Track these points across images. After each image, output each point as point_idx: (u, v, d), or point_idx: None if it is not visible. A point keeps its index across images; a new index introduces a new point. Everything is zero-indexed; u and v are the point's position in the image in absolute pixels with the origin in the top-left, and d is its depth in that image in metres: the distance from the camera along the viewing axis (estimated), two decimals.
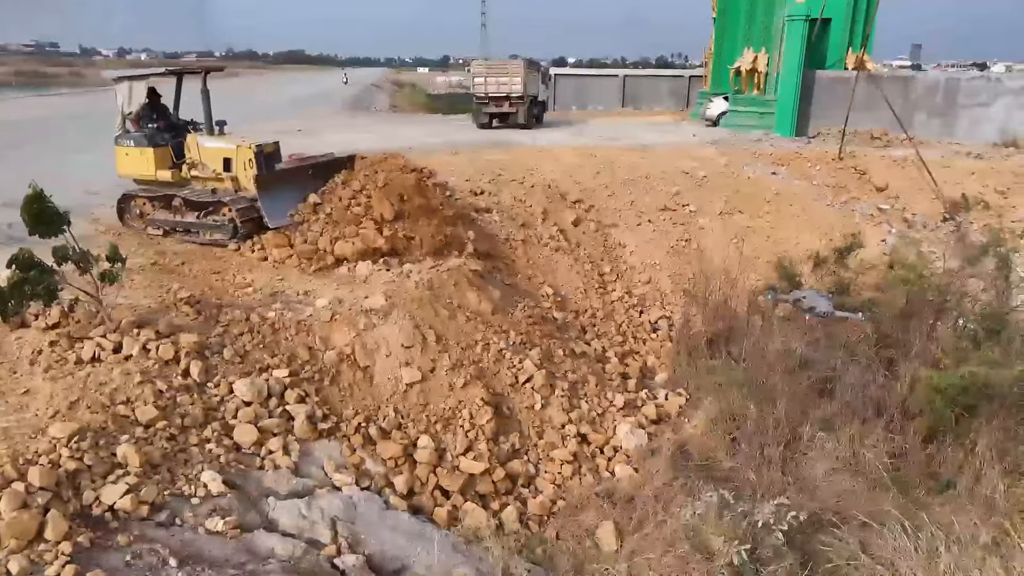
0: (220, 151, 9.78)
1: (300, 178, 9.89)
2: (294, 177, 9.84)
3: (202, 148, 9.88)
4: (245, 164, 9.58)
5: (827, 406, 8.18)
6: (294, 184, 9.78)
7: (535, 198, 13.03)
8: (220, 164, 9.76)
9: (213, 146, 9.87)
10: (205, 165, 9.88)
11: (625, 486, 7.10)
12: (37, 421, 5.39)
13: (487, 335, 8.36)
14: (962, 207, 14.87)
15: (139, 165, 10.18)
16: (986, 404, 7.59)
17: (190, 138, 10.03)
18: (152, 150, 10.05)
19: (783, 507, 6.03)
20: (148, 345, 6.40)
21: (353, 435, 6.70)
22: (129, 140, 10.21)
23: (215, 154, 9.81)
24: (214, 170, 9.83)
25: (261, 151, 9.63)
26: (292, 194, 9.72)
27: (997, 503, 6.91)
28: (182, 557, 4.57)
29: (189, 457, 5.56)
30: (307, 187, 9.91)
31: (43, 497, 4.61)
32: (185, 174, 10.09)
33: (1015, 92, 18.98)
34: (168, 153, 10.17)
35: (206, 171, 9.90)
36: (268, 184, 9.40)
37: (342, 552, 5.26)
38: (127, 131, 10.29)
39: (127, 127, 10.31)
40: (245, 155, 9.58)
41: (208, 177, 9.92)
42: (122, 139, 10.28)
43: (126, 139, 10.24)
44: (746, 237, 13.61)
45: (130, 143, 10.20)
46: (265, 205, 9.33)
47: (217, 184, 9.89)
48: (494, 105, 23.32)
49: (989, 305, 9.76)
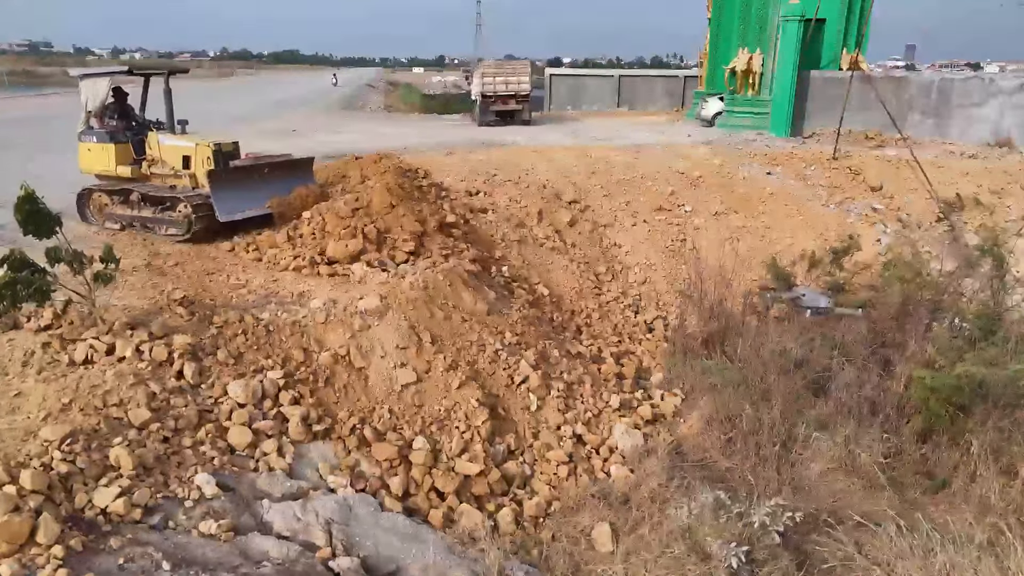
0: (179, 149, 10.05)
1: (254, 176, 10.10)
2: (248, 174, 10.06)
3: (162, 146, 10.17)
4: (203, 162, 9.80)
5: (822, 406, 8.18)
6: (248, 181, 9.99)
7: (530, 198, 13.01)
8: (179, 162, 10.03)
9: (172, 144, 10.14)
10: (165, 162, 10.17)
11: (621, 487, 7.08)
12: (29, 423, 5.35)
13: (482, 336, 8.34)
14: (956, 207, 14.91)
15: (100, 161, 10.48)
16: (981, 404, 7.60)
17: (151, 136, 10.30)
18: (113, 146, 10.34)
19: (779, 508, 6.03)
20: (141, 347, 6.36)
21: (348, 436, 6.67)
22: (91, 136, 10.50)
23: (174, 152, 10.08)
24: (173, 167, 10.09)
25: (219, 150, 9.85)
26: (245, 191, 9.91)
27: (992, 503, 6.92)
28: (175, 560, 4.54)
29: (182, 459, 5.53)
30: (262, 185, 10.10)
31: (35, 500, 4.57)
32: (145, 170, 10.37)
33: (1008, 92, 19.04)
34: (129, 150, 10.46)
35: (165, 168, 10.18)
36: (220, 179, 9.63)
37: (337, 555, 5.23)
38: (90, 127, 10.56)
39: (90, 124, 10.58)
40: (203, 153, 9.81)
41: (167, 174, 10.18)
42: (85, 135, 10.57)
43: (88, 135, 10.53)
44: (741, 237, 13.62)
45: (92, 139, 10.50)
46: (216, 199, 9.53)
47: (176, 181, 10.12)
48: (501, 103, 24.62)
49: (984, 305, 9.78)
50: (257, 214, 9.95)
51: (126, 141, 10.45)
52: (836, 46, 22.37)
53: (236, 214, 9.72)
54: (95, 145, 10.45)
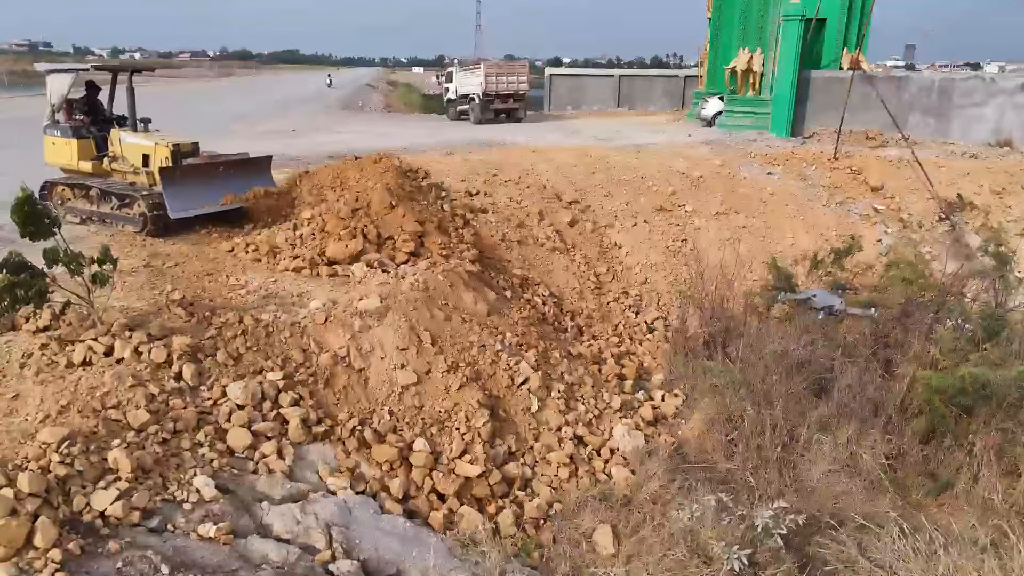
0: (139, 147, 10.25)
1: (209, 174, 10.18)
2: (202, 172, 10.15)
3: (123, 143, 10.38)
4: (162, 161, 9.95)
5: (824, 407, 8.16)
6: (202, 179, 10.08)
7: (531, 199, 12.98)
8: (139, 159, 10.22)
9: (133, 142, 10.32)
10: (125, 159, 10.36)
11: (622, 488, 7.05)
12: (27, 426, 5.31)
13: (483, 337, 8.31)
14: (957, 207, 14.89)
15: (63, 154, 10.70)
16: (984, 405, 7.58)
17: (113, 133, 10.52)
18: (76, 141, 10.52)
19: (781, 510, 6.00)
20: (140, 348, 6.32)
21: (348, 438, 6.63)
22: (56, 130, 10.68)
23: (135, 149, 10.28)
24: (133, 165, 10.28)
25: (178, 149, 10.01)
26: (199, 189, 9.98)
27: (995, 504, 6.91)
28: (174, 564, 4.51)
29: (181, 462, 5.49)
30: (217, 184, 10.19)
31: (32, 503, 4.54)
32: (106, 166, 10.55)
33: (1009, 92, 19.02)
34: (91, 145, 10.66)
35: (125, 165, 10.37)
36: (173, 176, 9.71)
37: (336, 558, 5.20)
38: (56, 122, 10.77)
39: (56, 118, 10.79)
40: (162, 152, 9.99)
41: (127, 171, 10.38)
42: (50, 129, 10.80)
43: (53, 129, 10.72)
44: (742, 237, 13.59)
45: (56, 133, 10.67)
46: (168, 196, 9.60)
47: (135, 178, 10.30)
48: (500, 102, 26.08)
49: (987, 305, 9.76)
50: (210, 212, 10.03)
51: (89, 137, 10.67)
52: (837, 46, 22.35)
53: (188, 211, 9.80)
54: (59, 139, 10.68)
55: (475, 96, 26.32)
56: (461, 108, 27.62)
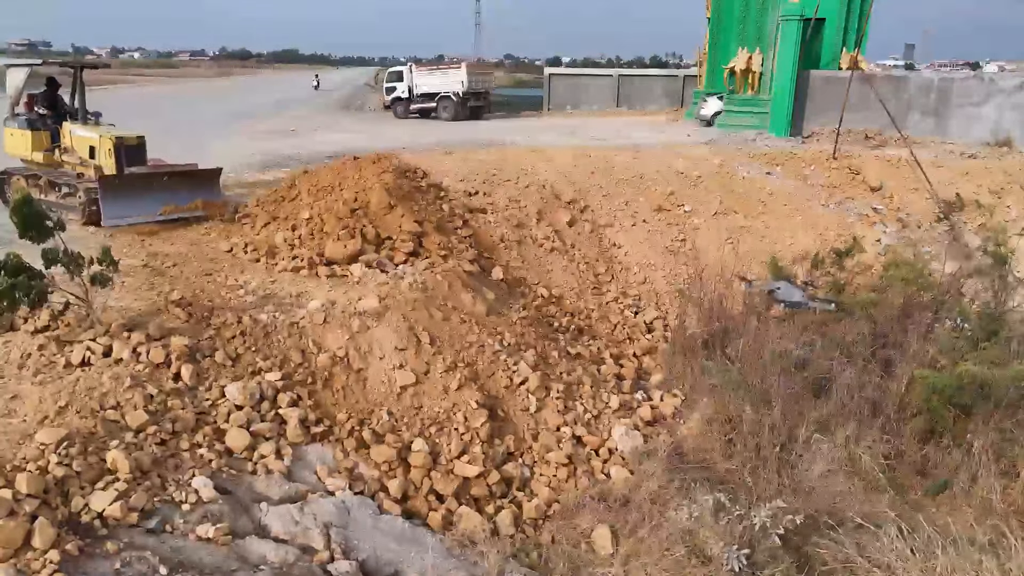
0: (86, 139, 10.66)
1: (151, 184, 10.38)
2: (145, 181, 10.36)
3: (73, 136, 10.84)
4: (106, 153, 10.32)
5: (823, 407, 8.15)
6: (143, 188, 10.29)
7: (530, 198, 12.97)
8: (87, 151, 10.60)
9: (81, 135, 10.76)
10: (74, 151, 10.77)
11: (620, 489, 7.04)
12: (25, 426, 5.31)
13: (482, 337, 8.31)
14: (956, 207, 14.89)
15: (20, 146, 11.34)
16: (982, 404, 7.58)
17: (65, 125, 11.02)
18: (30, 133, 11.15)
19: (779, 510, 6.00)
20: (138, 348, 6.32)
21: (346, 439, 6.63)
22: (14, 123, 11.39)
23: (82, 142, 10.70)
24: (80, 156, 10.67)
25: (121, 143, 10.35)
26: (139, 198, 10.21)
27: (993, 504, 6.91)
28: (172, 565, 4.50)
29: (180, 462, 5.49)
30: (159, 193, 10.39)
31: (30, 504, 4.53)
32: (56, 157, 11.05)
33: (1008, 92, 19.02)
34: (45, 137, 11.21)
35: (74, 156, 10.77)
36: (112, 185, 10.01)
37: (335, 558, 5.20)
38: (15, 115, 11.40)
39: (16, 111, 11.37)
40: (106, 145, 10.34)
41: (75, 162, 10.77)
42: (9, 121, 11.51)
43: (12, 121, 11.45)
44: (741, 237, 13.58)
45: (15, 125, 11.37)
46: (104, 203, 9.90)
47: (83, 169, 10.66)
48: (474, 100, 28.72)
49: (987, 305, 9.76)
50: (144, 222, 10.15)
51: (44, 129, 11.21)
52: (836, 45, 22.35)
53: (122, 220, 10.00)
54: (16, 131, 11.32)
55: (451, 94, 28.03)
56: (421, 106, 28.91)
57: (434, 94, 28.49)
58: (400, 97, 29.26)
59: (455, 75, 28.25)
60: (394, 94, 29.53)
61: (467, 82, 28.04)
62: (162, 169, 10.76)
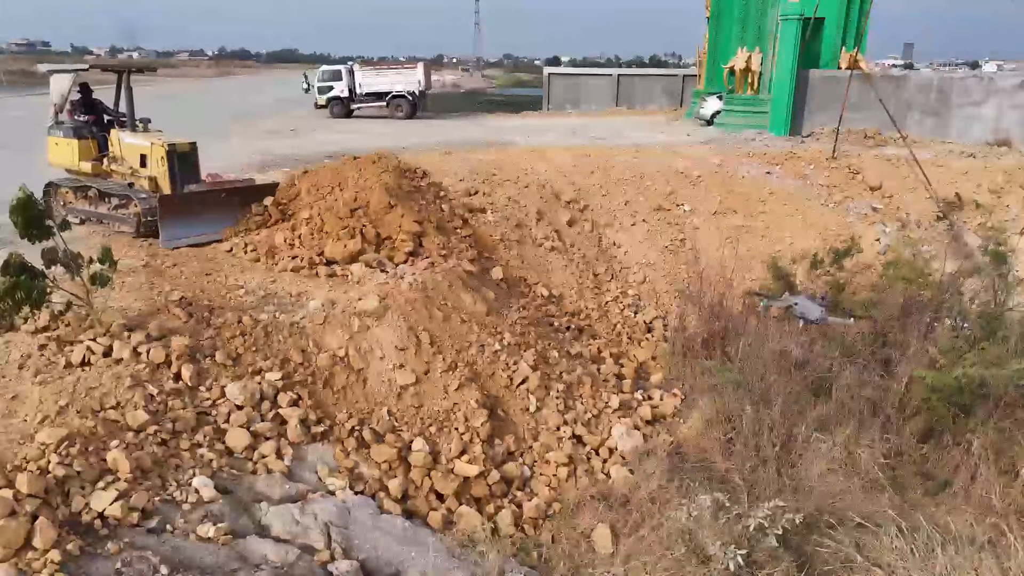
0: (137, 147, 10.19)
1: (210, 201, 10.01)
2: (203, 199, 9.99)
3: (122, 143, 10.34)
4: (159, 161, 9.92)
5: (823, 407, 8.16)
6: (200, 205, 9.91)
7: (529, 198, 12.97)
8: (137, 160, 10.17)
9: (131, 142, 10.27)
10: (124, 160, 10.31)
11: (620, 488, 7.06)
12: (26, 427, 5.32)
13: (482, 336, 8.31)
14: (956, 207, 14.89)
15: (65, 155, 10.71)
16: (981, 404, 7.59)
17: (113, 133, 10.48)
18: (77, 141, 10.53)
19: (779, 509, 6.00)
20: (139, 348, 6.32)
21: (346, 438, 6.64)
22: (59, 131, 10.73)
23: (133, 150, 10.24)
24: (131, 166, 10.23)
25: (174, 150, 9.90)
26: (196, 216, 9.84)
27: (993, 503, 6.91)
28: (173, 564, 4.51)
29: (180, 462, 5.50)
30: (217, 210, 10.01)
31: (31, 504, 4.54)
32: (106, 167, 10.52)
33: (1007, 91, 19.02)
34: (92, 145, 10.66)
35: (124, 166, 10.31)
36: (171, 206, 9.60)
37: (335, 558, 5.21)
38: (59, 122, 10.79)
39: (59, 119, 10.80)
40: (158, 152, 9.93)
41: (125, 172, 10.32)
42: (53, 129, 10.82)
43: (56, 130, 10.78)
44: (740, 237, 13.59)
45: (59, 134, 10.72)
46: (163, 225, 9.51)
47: (134, 179, 10.24)
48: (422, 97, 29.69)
49: (986, 305, 9.76)
50: (205, 240, 9.82)
51: (90, 137, 10.66)
52: (835, 45, 22.34)
53: (180, 241, 9.63)
54: (61, 140, 10.69)
55: (406, 94, 28.64)
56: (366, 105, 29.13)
57: (383, 93, 28.79)
58: (339, 97, 29.10)
59: (411, 75, 28.84)
60: (331, 93, 29.19)
61: (424, 81, 28.90)
62: (221, 186, 10.44)
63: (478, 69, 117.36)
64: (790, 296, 10.70)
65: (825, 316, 9.96)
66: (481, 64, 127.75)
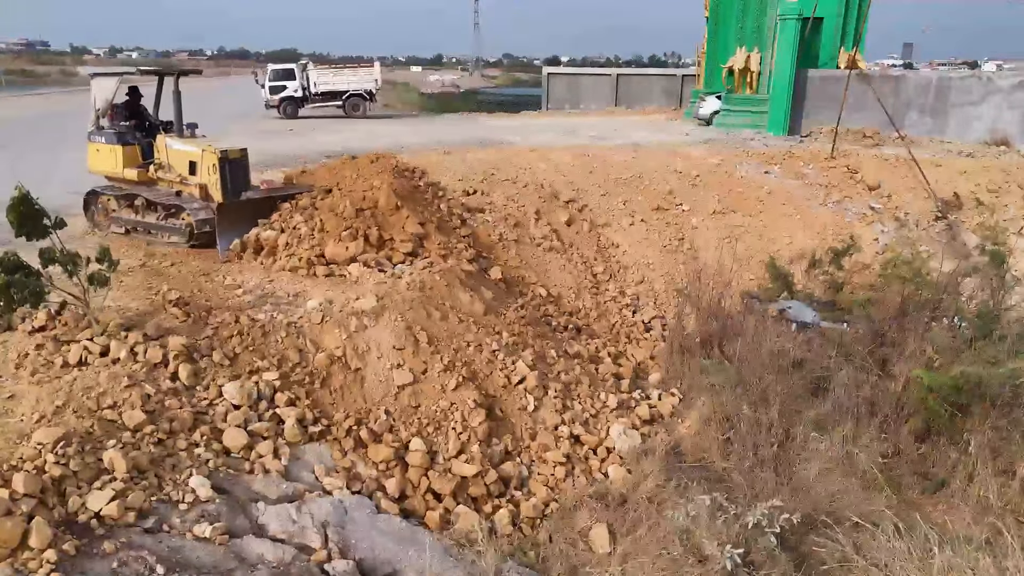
0: (186, 154, 9.75)
1: (266, 209, 9.85)
2: (259, 207, 9.80)
3: (170, 150, 9.91)
4: (209, 169, 9.52)
5: (820, 406, 8.16)
6: (254, 212, 9.74)
7: (528, 198, 12.97)
8: (186, 167, 9.75)
9: (180, 148, 9.84)
10: (171, 167, 9.88)
11: (618, 488, 7.05)
12: (22, 426, 5.31)
13: (479, 336, 8.31)
14: (954, 206, 14.90)
15: (108, 162, 10.27)
16: (979, 403, 7.58)
17: (159, 139, 10.05)
18: (121, 148, 10.13)
19: (776, 509, 6.00)
20: (136, 348, 6.32)
21: (344, 438, 6.63)
22: (100, 137, 10.28)
23: (181, 156, 9.80)
24: (179, 173, 9.81)
25: (226, 157, 9.54)
26: (251, 223, 9.65)
27: (990, 503, 6.91)
28: (169, 564, 4.51)
29: (177, 462, 5.49)
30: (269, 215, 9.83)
31: (27, 504, 4.54)
32: (151, 174, 10.11)
33: (1006, 91, 19.05)
34: (137, 152, 10.23)
35: (172, 173, 9.88)
36: (228, 214, 9.34)
37: (332, 557, 5.21)
38: (100, 128, 10.35)
39: (101, 124, 10.36)
40: (210, 160, 9.51)
41: (173, 179, 9.89)
42: (94, 135, 10.37)
43: (98, 135, 10.33)
44: (739, 236, 13.59)
45: (101, 140, 10.28)
46: (220, 235, 9.29)
47: (182, 187, 9.84)
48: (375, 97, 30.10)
49: (984, 304, 9.76)
50: None
51: (135, 143, 10.23)
52: (834, 44, 22.37)
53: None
54: (104, 146, 10.25)
55: (362, 92, 28.89)
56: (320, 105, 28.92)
57: (339, 92, 28.72)
58: (292, 96, 28.48)
59: (367, 74, 29.11)
60: (284, 93, 28.43)
61: (380, 81, 29.35)
62: (277, 192, 10.17)
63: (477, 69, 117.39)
64: (784, 300, 10.70)
65: (819, 321, 9.96)
66: (480, 64, 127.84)
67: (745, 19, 23.16)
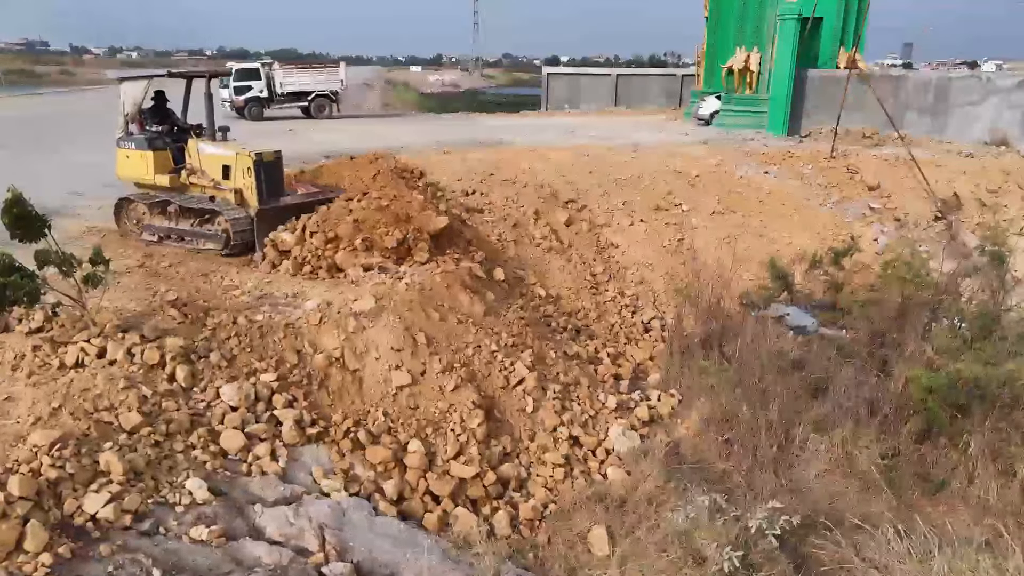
0: (219, 158, 9.53)
1: (305, 212, 9.62)
2: (299, 211, 9.60)
3: (202, 154, 9.65)
4: (244, 172, 9.33)
5: (820, 407, 8.14)
6: (292, 215, 9.56)
7: (527, 198, 12.96)
8: (219, 172, 9.53)
9: (213, 152, 9.60)
10: (204, 172, 9.63)
11: (617, 489, 7.02)
12: (18, 428, 5.28)
13: (478, 337, 8.28)
14: (954, 206, 14.89)
15: (138, 168, 9.97)
16: (979, 405, 7.56)
17: (191, 143, 9.78)
18: (152, 153, 9.84)
19: (776, 511, 5.98)
20: (133, 349, 6.29)
21: (342, 440, 6.61)
22: (130, 143, 10.00)
23: (214, 161, 9.56)
24: (213, 178, 9.58)
25: (260, 159, 9.35)
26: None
27: (990, 504, 6.90)
28: (166, 567, 4.48)
29: (174, 464, 5.46)
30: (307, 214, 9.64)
31: (23, 507, 4.50)
32: (184, 180, 9.82)
33: (1005, 91, 19.04)
34: (168, 157, 9.94)
35: (205, 178, 9.63)
36: (266, 219, 9.20)
37: (330, 560, 5.17)
38: (129, 133, 10.05)
39: (129, 129, 10.07)
40: (244, 163, 9.32)
41: (206, 184, 9.65)
42: (123, 141, 10.07)
43: (127, 141, 10.03)
44: (739, 237, 13.58)
45: (130, 145, 9.98)
46: (260, 240, 9.20)
47: (216, 192, 9.60)
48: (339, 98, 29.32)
49: (984, 304, 9.74)
50: None
51: (165, 148, 9.98)
52: (833, 44, 22.37)
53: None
54: (133, 152, 9.96)
55: (329, 93, 28.22)
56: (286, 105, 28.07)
57: (305, 93, 27.97)
58: (257, 97, 27.22)
59: (333, 74, 28.43)
60: (250, 93, 27.06)
61: (346, 81, 28.72)
62: (316, 196, 9.96)
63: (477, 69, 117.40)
64: (783, 307, 10.66)
65: (817, 327, 9.93)
66: (480, 64, 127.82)
67: (745, 19, 23.16)
